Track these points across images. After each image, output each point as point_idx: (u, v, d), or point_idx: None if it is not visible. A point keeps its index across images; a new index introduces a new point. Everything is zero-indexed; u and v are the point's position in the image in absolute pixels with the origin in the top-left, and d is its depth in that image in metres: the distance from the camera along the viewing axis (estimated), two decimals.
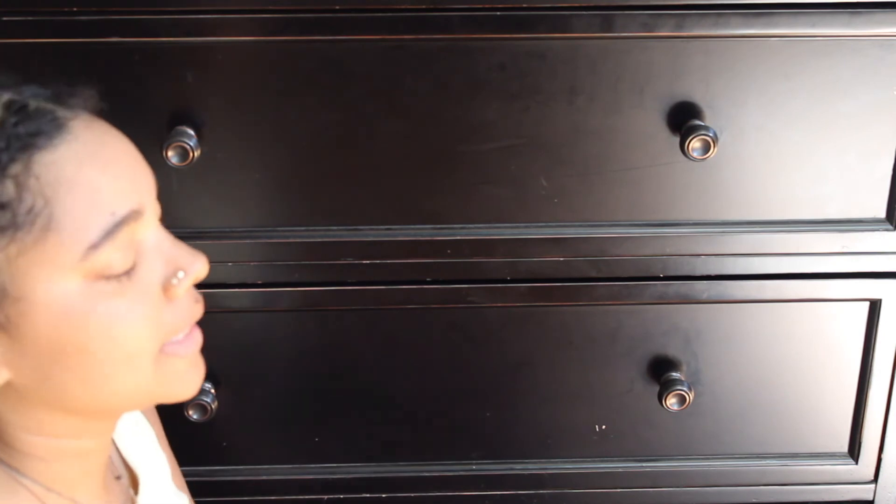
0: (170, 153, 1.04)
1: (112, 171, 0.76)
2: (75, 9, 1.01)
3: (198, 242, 1.10)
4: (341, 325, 1.18)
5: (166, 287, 0.80)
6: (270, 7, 1.03)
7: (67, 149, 0.74)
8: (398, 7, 1.03)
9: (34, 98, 0.75)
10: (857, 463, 1.26)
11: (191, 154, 1.04)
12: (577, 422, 1.23)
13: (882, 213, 1.14)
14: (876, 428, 1.24)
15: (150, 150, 1.06)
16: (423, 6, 1.03)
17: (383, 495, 1.26)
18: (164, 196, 1.09)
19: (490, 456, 1.25)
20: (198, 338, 0.84)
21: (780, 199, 1.13)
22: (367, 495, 1.25)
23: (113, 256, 0.75)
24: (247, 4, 1.03)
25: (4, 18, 1.02)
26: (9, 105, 0.74)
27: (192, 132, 1.06)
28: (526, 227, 1.13)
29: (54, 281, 0.74)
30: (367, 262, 1.13)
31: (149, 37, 1.03)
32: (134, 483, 0.96)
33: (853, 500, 1.29)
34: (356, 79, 1.06)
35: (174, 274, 0.80)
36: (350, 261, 1.13)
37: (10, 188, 0.72)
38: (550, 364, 1.20)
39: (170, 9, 1.02)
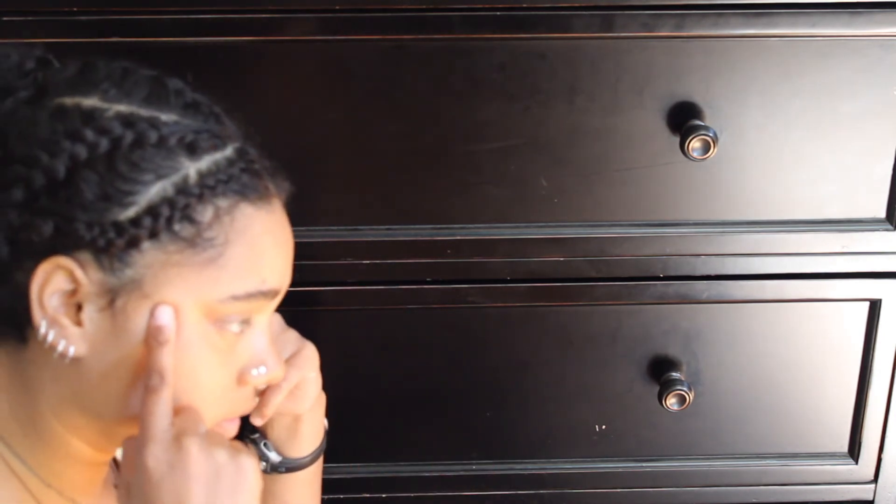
0: None
1: (280, 251, 0.84)
2: (75, 9, 1.01)
3: None
4: (341, 325, 1.18)
5: (243, 373, 0.84)
6: (270, 7, 1.03)
7: (264, 215, 0.82)
8: (398, 7, 1.03)
9: (259, 159, 0.84)
10: (857, 463, 1.26)
11: None
12: (577, 422, 1.23)
13: (882, 213, 1.14)
14: (876, 428, 1.24)
15: None
16: (423, 6, 1.03)
17: (383, 495, 1.26)
18: None
19: (490, 456, 1.25)
20: (234, 428, 0.88)
21: (780, 199, 1.13)
22: (367, 495, 1.25)
23: (237, 315, 0.81)
24: (246, 5, 1.03)
25: (4, 18, 1.02)
26: (241, 152, 0.82)
27: None
28: (526, 227, 1.13)
29: (185, 302, 0.79)
30: (367, 262, 1.13)
31: (149, 37, 1.03)
32: None
33: (853, 500, 1.29)
34: (356, 79, 1.06)
35: (257, 366, 0.85)
36: (350, 261, 1.13)
37: (209, 212, 0.79)
38: (550, 364, 1.20)
39: (170, 9, 1.02)
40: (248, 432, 1.02)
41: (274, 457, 1.02)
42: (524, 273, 1.15)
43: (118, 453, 0.96)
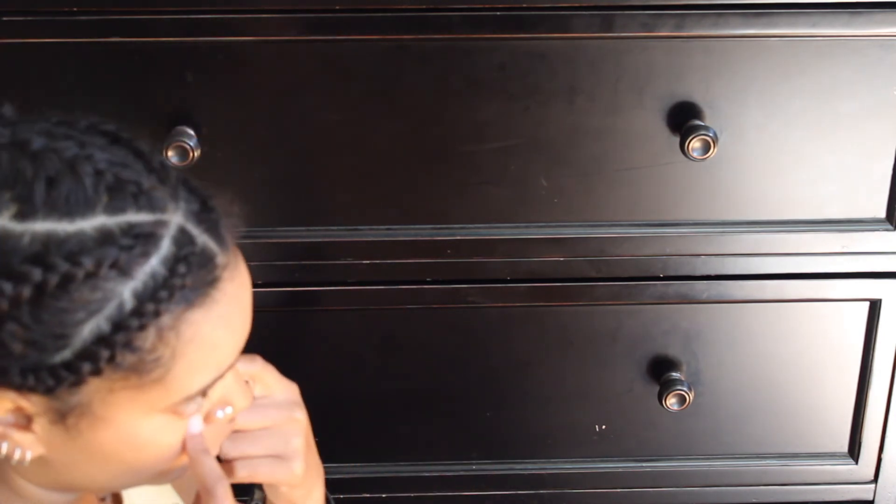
0: (170, 153, 1.04)
1: (236, 333, 0.76)
2: (75, 9, 1.01)
3: None
4: (341, 325, 1.18)
5: (208, 416, 0.80)
6: (270, 7, 1.03)
7: (212, 309, 0.73)
8: (398, 7, 1.03)
9: (199, 227, 0.74)
10: (857, 463, 1.26)
11: (191, 154, 1.04)
12: (577, 422, 1.23)
13: (882, 213, 1.14)
14: (876, 428, 1.24)
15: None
16: (423, 6, 1.03)
17: (383, 495, 1.26)
18: None
19: (490, 456, 1.25)
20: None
21: (780, 199, 1.13)
22: (367, 495, 1.25)
23: (197, 400, 0.76)
24: (247, 4, 1.03)
25: (4, 18, 1.02)
26: (179, 241, 0.72)
27: (192, 132, 1.06)
28: (526, 227, 1.13)
29: (140, 416, 0.74)
30: (367, 262, 1.13)
31: (149, 37, 1.03)
32: (117, 501, 0.95)
33: (853, 500, 1.29)
34: (356, 79, 1.06)
35: (222, 408, 0.81)
36: (350, 261, 1.13)
37: (151, 337, 0.71)
38: (550, 364, 1.20)
39: (170, 9, 1.02)
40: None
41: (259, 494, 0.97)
42: (524, 273, 1.15)
43: None
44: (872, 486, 1.28)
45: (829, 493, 1.28)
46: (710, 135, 1.06)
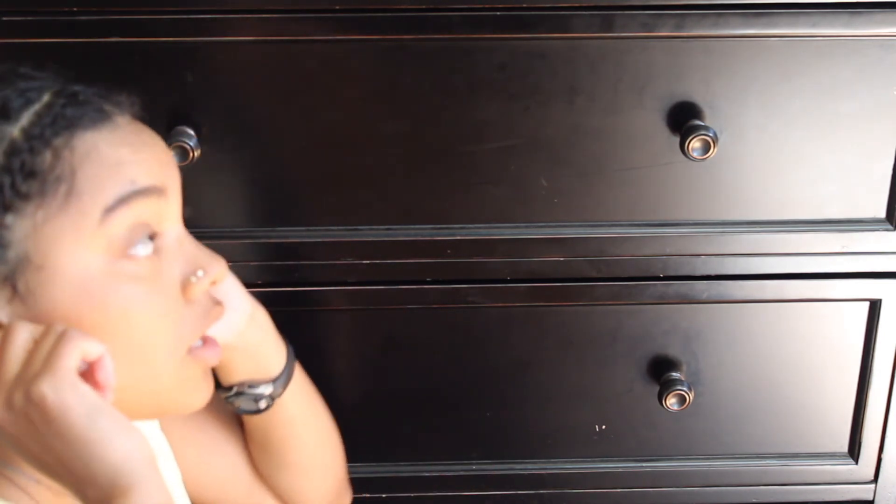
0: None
1: (142, 153, 0.80)
2: (75, 9, 1.01)
3: None
4: (341, 325, 1.18)
5: (185, 285, 0.82)
6: (270, 7, 1.03)
7: (106, 132, 0.78)
8: (398, 7, 1.03)
9: (83, 89, 0.80)
10: (857, 463, 1.26)
11: (191, 154, 1.04)
12: (577, 422, 1.23)
13: (882, 213, 1.14)
14: (876, 428, 1.24)
15: None
16: (423, 6, 1.03)
17: (383, 495, 1.26)
18: None
19: (490, 456, 1.25)
20: (218, 349, 0.86)
21: (780, 199, 1.13)
22: (367, 495, 1.25)
23: (131, 226, 0.77)
24: (247, 4, 1.03)
25: (4, 18, 1.02)
26: (59, 92, 0.79)
27: (192, 132, 1.06)
28: (526, 227, 1.13)
29: (77, 252, 0.76)
30: (367, 262, 1.13)
31: (149, 37, 1.03)
32: None
33: (853, 500, 1.29)
34: (356, 79, 1.06)
35: (193, 272, 0.82)
36: (350, 261, 1.13)
37: (47, 157, 0.76)
38: (550, 364, 1.20)
39: (170, 9, 1.02)
40: (223, 393, 0.99)
41: (265, 388, 0.98)
42: (524, 273, 1.15)
43: None
44: (872, 486, 1.28)
45: (829, 493, 1.28)
46: (710, 135, 1.06)
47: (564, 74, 1.07)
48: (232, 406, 1.00)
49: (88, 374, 0.76)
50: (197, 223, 1.11)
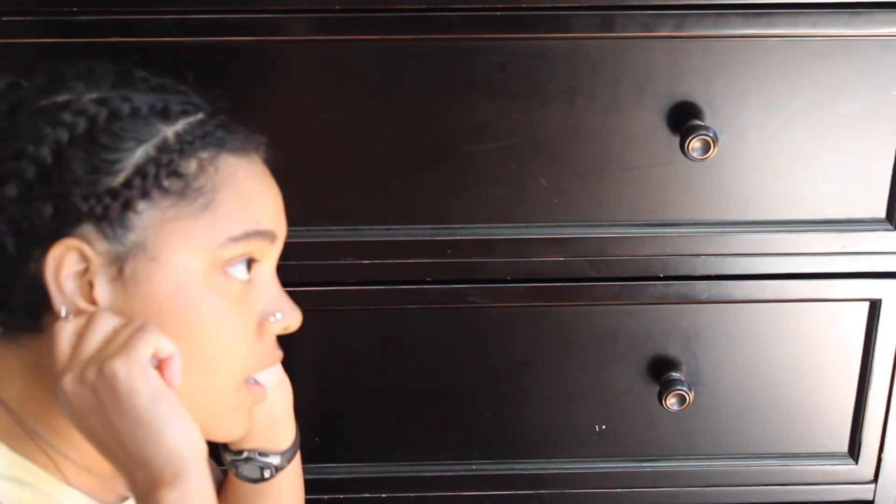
0: None
1: (269, 196, 0.88)
2: (75, 9, 1.01)
3: None
4: (341, 325, 1.18)
5: (262, 321, 0.87)
6: (270, 7, 1.03)
7: (247, 163, 0.86)
8: (398, 7, 1.03)
9: (232, 121, 0.88)
10: (857, 463, 1.26)
11: None
12: (577, 422, 1.24)
13: (882, 213, 1.14)
14: (876, 428, 1.24)
15: None
16: (423, 6, 1.03)
17: (383, 495, 1.26)
18: None
19: (490, 456, 1.25)
20: (266, 391, 0.91)
21: (780, 199, 1.13)
22: (367, 495, 1.25)
23: (241, 258, 0.84)
24: (246, 5, 1.03)
25: (4, 18, 1.02)
26: (212, 114, 0.86)
27: None
28: (526, 227, 1.13)
29: (189, 255, 0.82)
30: (367, 262, 1.13)
31: (149, 37, 1.03)
32: None
33: (853, 500, 1.29)
34: (356, 79, 1.06)
35: (273, 313, 0.87)
36: (350, 261, 1.13)
37: (193, 165, 0.83)
38: (550, 364, 1.20)
39: (170, 9, 1.02)
40: (230, 456, 1.01)
41: (274, 459, 1.01)
42: (524, 273, 1.15)
43: None
44: (872, 486, 1.28)
45: (829, 493, 1.28)
46: (710, 135, 1.06)
47: (564, 74, 1.07)
48: (235, 470, 1.01)
49: (157, 369, 0.81)
50: None
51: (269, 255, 0.88)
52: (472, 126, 1.08)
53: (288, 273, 1.13)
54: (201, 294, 0.82)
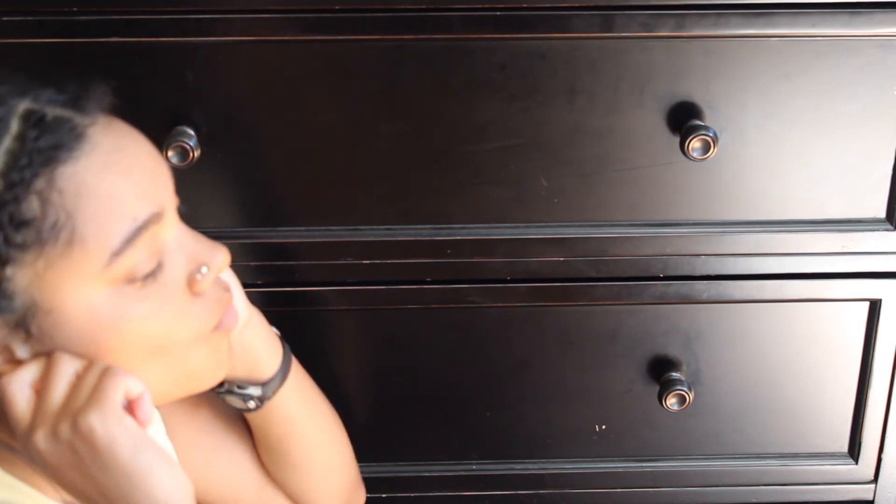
0: (170, 153, 1.04)
1: (132, 176, 0.77)
2: (75, 9, 1.01)
3: None
4: (341, 325, 1.18)
5: (191, 282, 0.81)
6: (270, 7, 1.03)
7: (88, 159, 0.75)
8: (398, 7, 1.03)
9: (50, 105, 0.76)
10: (857, 463, 1.26)
11: (191, 154, 1.04)
12: (577, 422, 1.24)
13: (882, 213, 1.14)
14: (876, 428, 1.24)
15: None
16: (423, 6, 1.03)
17: (383, 495, 1.26)
18: None
19: (490, 456, 1.25)
20: (237, 316, 0.86)
21: (780, 199, 1.13)
22: (367, 495, 1.25)
23: (137, 259, 0.77)
24: (247, 4, 1.03)
25: (4, 18, 1.02)
26: (27, 116, 0.74)
27: (192, 132, 1.06)
28: (526, 227, 1.13)
29: (82, 291, 0.75)
30: (367, 262, 1.13)
31: (149, 37, 1.03)
32: None
33: (853, 500, 1.29)
34: (356, 79, 1.06)
35: (198, 270, 0.81)
36: (350, 261, 1.13)
37: (34, 205, 0.73)
38: (550, 364, 1.20)
39: (170, 9, 1.02)
40: (215, 388, 0.99)
41: (254, 391, 0.98)
42: (524, 273, 1.15)
43: None
44: (872, 486, 1.28)
45: (829, 493, 1.28)
46: (710, 135, 1.06)
47: (564, 74, 1.07)
48: (224, 402, 1.00)
49: (128, 409, 0.77)
50: (197, 223, 1.11)
51: (166, 227, 0.80)
52: (472, 126, 1.08)
53: (288, 273, 1.14)
54: (119, 314, 0.77)
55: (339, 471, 1.08)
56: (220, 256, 0.83)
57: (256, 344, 0.98)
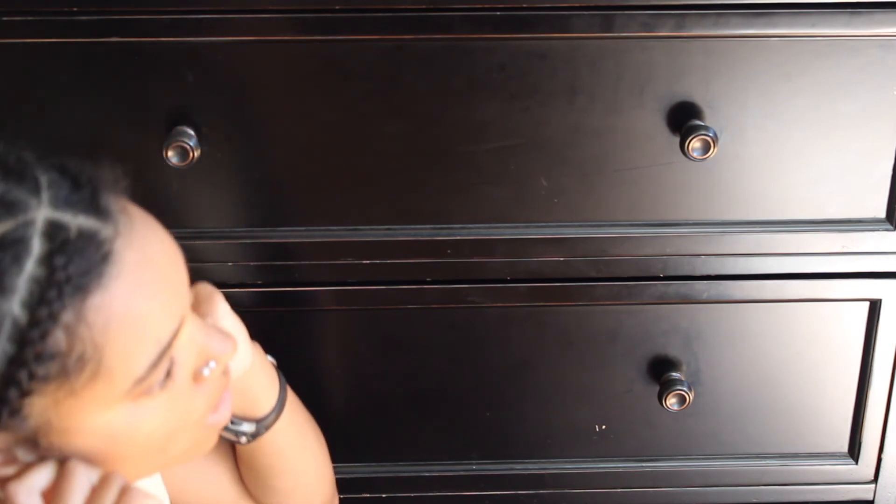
0: (170, 153, 1.04)
1: (158, 297, 0.73)
2: (75, 9, 1.01)
3: (198, 242, 1.10)
4: (341, 324, 1.18)
5: (196, 376, 0.79)
6: (270, 7, 1.03)
7: (116, 283, 0.70)
8: (398, 7, 1.03)
9: (72, 211, 0.69)
10: (857, 463, 1.26)
11: (191, 154, 1.04)
12: (577, 422, 1.23)
13: (882, 213, 1.14)
14: (876, 428, 1.24)
15: (150, 150, 1.06)
16: (423, 6, 1.03)
17: (383, 495, 1.26)
18: (164, 196, 1.09)
19: (490, 456, 1.25)
20: (227, 409, 0.84)
21: (780, 199, 1.13)
22: (367, 495, 1.25)
23: (158, 377, 0.74)
24: (247, 4, 1.03)
25: (4, 18, 1.02)
26: (51, 234, 0.68)
27: (192, 132, 1.06)
28: (526, 227, 1.13)
29: (101, 413, 0.73)
30: (367, 262, 1.13)
31: (149, 37, 1.03)
32: None
33: (853, 500, 1.29)
34: (356, 79, 1.06)
35: (206, 364, 0.79)
36: (350, 261, 1.13)
37: (61, 339, 0.68)
38: (550, 364, 1.20)
39: (170, 9, 1.02)
40: None
41: (247, 427, 0.98)
42: (524, 273, 1.15)
43: None
44: (872, 486, 1.28)
45: (829, 493, 1.28)
46: (710, 135, 1.06)
47: (564, 74, 1.07)
48: None
49: None
50: (197, 223, 1.11)
51: (182, 333, 0.76)
52: (472, 126, 1.08)
53: (288, 273, 1.14)
54: (135, 426, 0.74)
55: (319, 491, 1.08)
56: (228, 350, 0.80)
57: (255, 384, 0.97)
